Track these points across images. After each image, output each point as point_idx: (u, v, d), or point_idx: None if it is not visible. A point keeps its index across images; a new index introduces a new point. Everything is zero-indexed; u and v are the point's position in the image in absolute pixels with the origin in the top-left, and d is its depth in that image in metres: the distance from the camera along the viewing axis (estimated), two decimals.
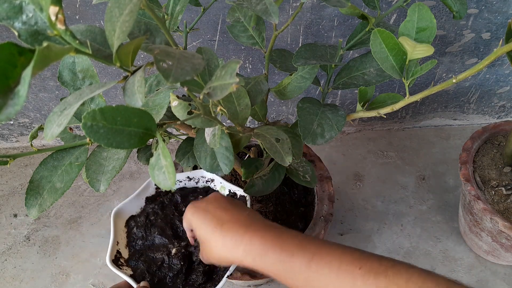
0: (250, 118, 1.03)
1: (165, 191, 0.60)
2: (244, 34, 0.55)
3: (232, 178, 0.77)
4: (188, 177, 0.60)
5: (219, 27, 0.81)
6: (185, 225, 0.50)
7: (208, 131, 0.44)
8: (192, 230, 0.50)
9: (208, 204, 0.46)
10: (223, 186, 0.58)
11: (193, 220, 0.46)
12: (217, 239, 0.42)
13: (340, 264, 0.36)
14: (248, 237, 0.40)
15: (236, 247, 0.41)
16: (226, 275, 0.49)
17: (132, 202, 0.57)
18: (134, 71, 0.32)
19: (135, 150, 0.42)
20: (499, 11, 0.83)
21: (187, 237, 0.53)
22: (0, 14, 0.27)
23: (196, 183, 0.61)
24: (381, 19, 0.53)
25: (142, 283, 0.49)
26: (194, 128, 0.52)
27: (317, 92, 0.98)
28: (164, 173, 0.32)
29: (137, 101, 0.30)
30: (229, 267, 0.49)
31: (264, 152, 0.62)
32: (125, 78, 0.33)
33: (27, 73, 0.20)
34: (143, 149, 0.56)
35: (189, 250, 0.54)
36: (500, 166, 0.82)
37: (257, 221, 0.43)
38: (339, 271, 0.35)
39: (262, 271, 0.40)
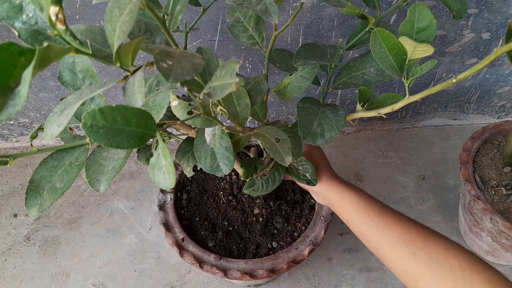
0: (250, 118, 1.03)
1: None
2: (244, 34, 0.55)
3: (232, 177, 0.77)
4: None
5: (219, 27, 0.81)
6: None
7: (208, 131, 0.44)
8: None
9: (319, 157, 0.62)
10: None
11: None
12: (332, 191, 0.57)
13: (396, 228, 0.51)
14: (348, 195, 0.55)
15: (341, 199, 0.56)
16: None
17: None
18: (134, 71, 0.32)
19: (135, 150, 0.42)
20: (499, 11, 0.83)
21: None
22: (0, 14, 0.27)
23: None
24: (381, 19, 0.53)
25: None
26: (194, 128, 0.52)
27: (317, 92, 0.98)
28: (164, 173, 0.32)
29: (137, 101, 0.30)
30: None
31: (264, 152, 0.62)
32: (125, 78, 0.33)
33: (27, 73, 0.20)
34: (143, 149, 0.56)
35: None
36: (500, 166, 0.82)
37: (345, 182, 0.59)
38: (396, 233, 0.50)
39: (345, 220, 0.56)
